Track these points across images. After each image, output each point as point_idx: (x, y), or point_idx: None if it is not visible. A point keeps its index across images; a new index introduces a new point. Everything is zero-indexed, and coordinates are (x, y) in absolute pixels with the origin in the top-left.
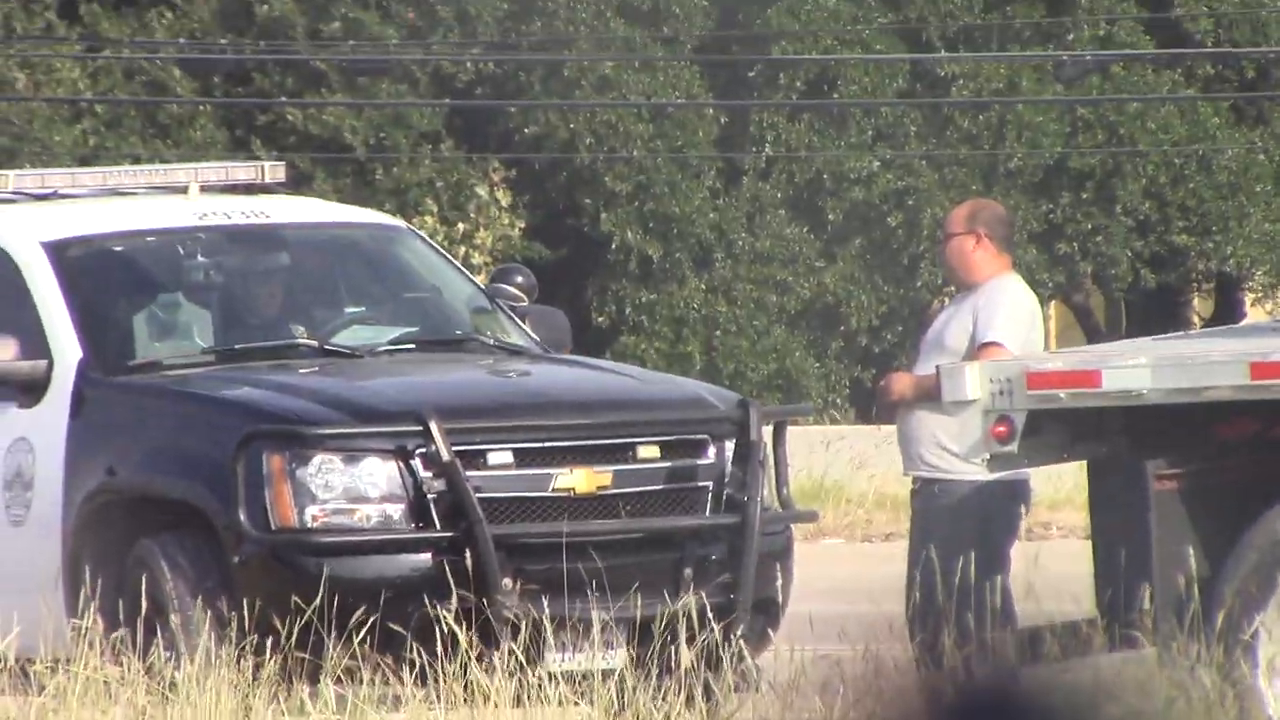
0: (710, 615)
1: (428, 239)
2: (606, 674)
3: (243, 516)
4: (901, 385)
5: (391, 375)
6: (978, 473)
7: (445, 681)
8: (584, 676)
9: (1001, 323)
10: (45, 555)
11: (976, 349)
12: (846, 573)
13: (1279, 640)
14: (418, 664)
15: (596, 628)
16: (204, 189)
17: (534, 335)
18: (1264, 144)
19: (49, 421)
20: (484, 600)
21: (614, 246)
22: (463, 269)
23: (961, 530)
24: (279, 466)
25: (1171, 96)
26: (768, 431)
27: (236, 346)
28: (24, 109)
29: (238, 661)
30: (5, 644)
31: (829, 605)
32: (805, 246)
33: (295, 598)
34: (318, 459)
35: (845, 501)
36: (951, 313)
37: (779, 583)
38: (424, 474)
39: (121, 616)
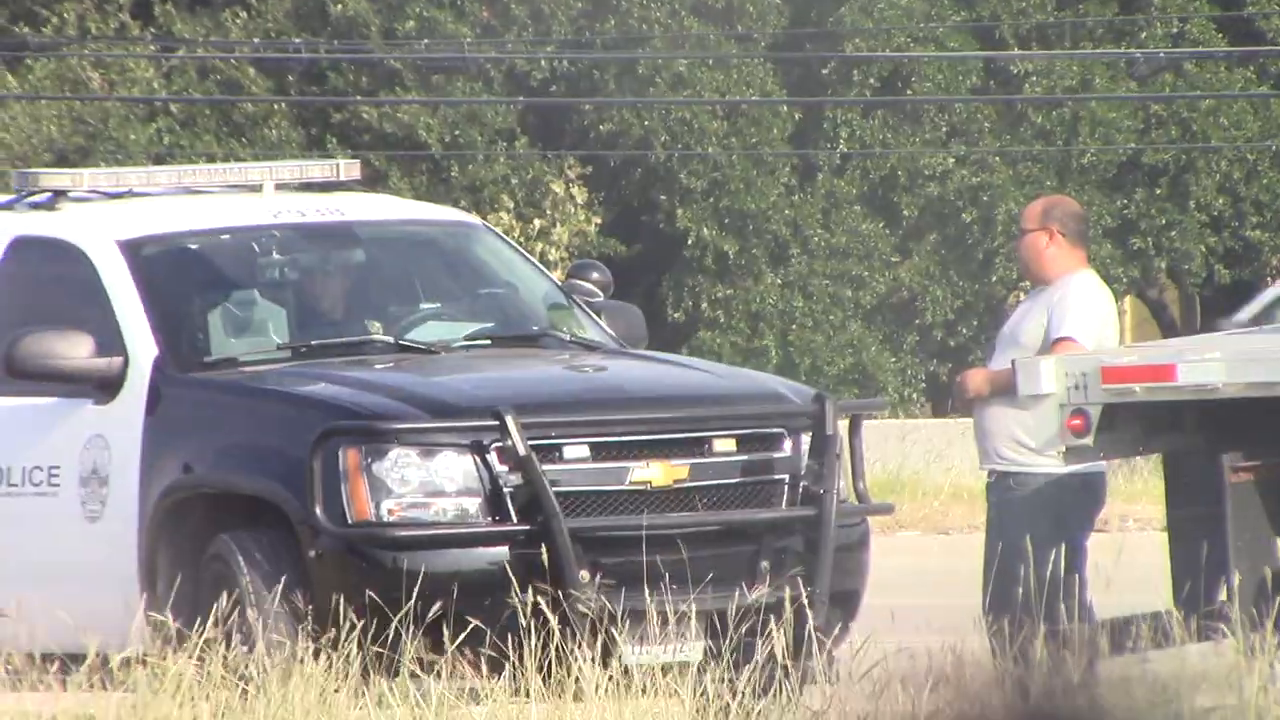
0: (788, 608)
1: (503, 235)
2: (683, 667)
3: (319, 511)
4: (977, 381)
5: (467, 371)
6: (1053, 466)
7: (525, 675)
8: (662, 669)
9: (1075, 319)
10: (121, 551)
11: (1050, 344)
12: (923, 565)
13: None
14: (497, 657)
15: (673, 620)
16: (279, 187)
17: (610, 331)
18: None
19: (125, 418)
20: (560, 594)
21: (690, 242)
22: (538, 265)
23: (1037, 523)
24: (355, 461)
25: (1244, 94)
26: (844, 425)
27: (312, 343)
28: (99, 108)
29: (315, 656)
30: (84, 640)
31: (906, 598)
32: (880, 242)
33: (371, 592)
34: (394, 454)
35: (921, 494)
36: (1027, 308)
37: (856, 575)
38: (500, 468)
39: (198, 612)
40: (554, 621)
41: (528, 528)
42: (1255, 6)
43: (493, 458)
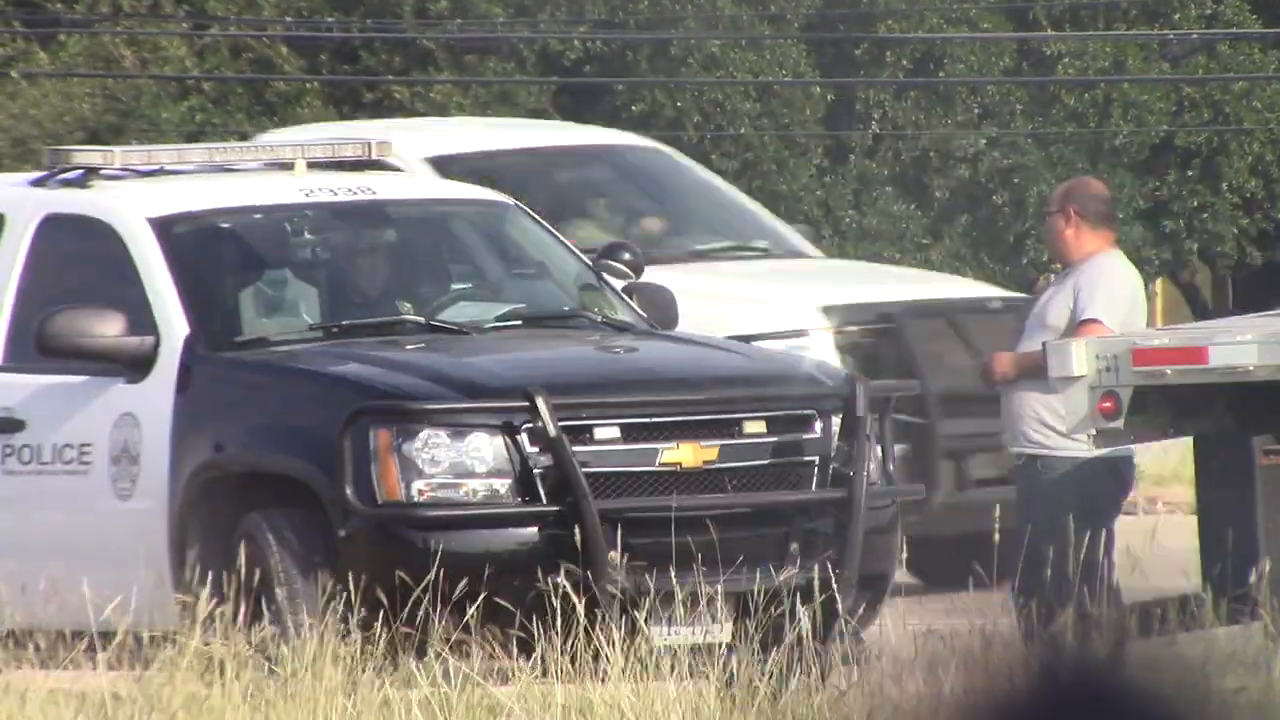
0: (817, 589)
1: (535, 215)
2: (711, 648)
3: (349, 491)
4: (1004, 364)
5: (498, 351)
6: (1080, 449)
7: (554, 655)
8: (691, 650)
9: (1101, 300)
10: (152, 529)
11: (1076, 326)
12: None
13: None
14: (526, 638)
15: (703, 602)
16: (311, 165)
17: (641, 312)
18: None
19: (156, 397)
20: (590, 574)
21: None
22: (570, 245)
23: (1065, 506)
24: (386, 441)
25: (1278, 75)
26: (874, 407)
27: (343, 323)
28: (131, 86)
29: (344, 635)
30: (114, 617)
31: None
32: (912, 224)
33: (401, 572)
34: (424, 434)
35: None
36: (1054, 290)
37: (885, 557)
38: (530, 449)
39: (228, 591)
40: (582, 603)
41: (557, 508)
42: None
43: (523, 438)
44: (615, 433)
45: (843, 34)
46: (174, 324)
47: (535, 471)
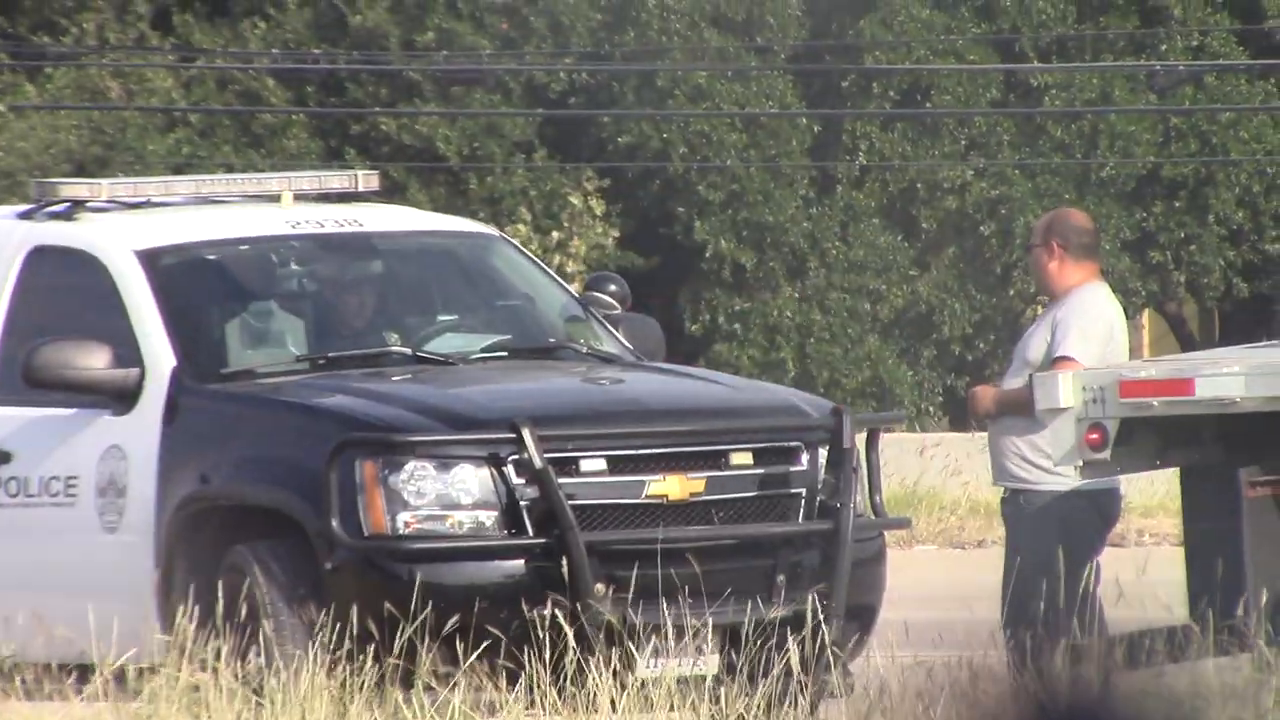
0: (804, 621)
1: (521, 247)
2: (699, 680)
3: (335, 523)
4: (986, 401)
5: (484, 383)
6: (1063, 483)
7: (541, 687)
8: (678, 682)
9: (1075, 337)
10: (138, 562)
11: (1050, 364)
12: (940, 579)
13: None
14: (512, 670)
15: (689, 634)
16: (297, 198)
17: (627, 343)
18: None
19: (142, 429)
20: (577, 606)
21: (708, 255)
22: (556, 277)
23: (1049, 539)
24: (372, 473)
25: (1265, 107)
26: (861, 439)
27: (329, 354)
28: (118, 118)
29: (331, 668)
30: (99, 650)
31: (923, 612)
32: (899, 255)
33: (388, 604)
34: (410, 466)
35: (938, 509)
36: (1037, 324)
37: (872, 589)
38: (517, 481)
39: (215, 623)
40: (570, 635)
41: (544, 540)
42: (1275, 19)
43: (509, 470)
44: (601, 465)
45: (829, 65)
46: (160, 356)
47: (521, 503)
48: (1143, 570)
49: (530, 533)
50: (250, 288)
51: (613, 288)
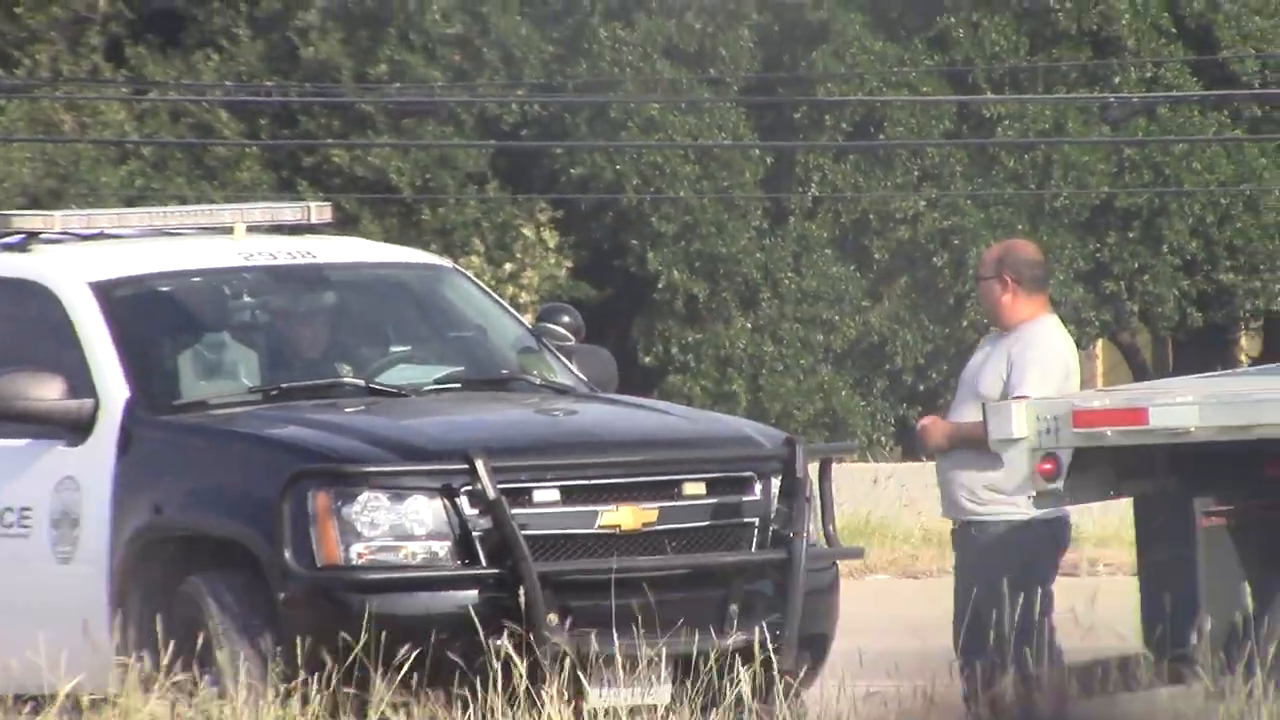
0: (756, 651)
1: (474, 279)
2: (651, 709)
3: (288, 554)
4: (937, 435)
5: (437, 414)
6: (1015, 512)
7: (495, 717)
8: (630, 712)
9: (1034, 376)
10: (92, 592)
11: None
12: (893, 609)
13: None
14: (466, 700)
15: (642, 664)
16: (250, 229)
17: (580, 374)
18: None
19: (96, 460)
20: (530, 637)
21: (660, 286)
22: (509, 308)
23: (1002, 570)
24: (325, 504)
25: (1218, 138)
26: (814, 469)
27: (282, 385)
28: (71, 150)
29: (285, 698)
30: (54, 680)
31: (876, 641)
32: (851, 286)
33: (341, 634)
34: (363, 497)
35: (891, 538)
36: (987, 354)
37: (825, 619)
38: (470, 512)
39: (168, 654)
40: (522, 665)
41: (497, 571)
42: (1229, 50)
43: (463, 501)
44: (555, 495)
45: (782, 97)
46: (114, 387)
47: (475, 534)
48: (1096, 600)
49: (484, 563)
50: (203, 319)
51: (566, 319)
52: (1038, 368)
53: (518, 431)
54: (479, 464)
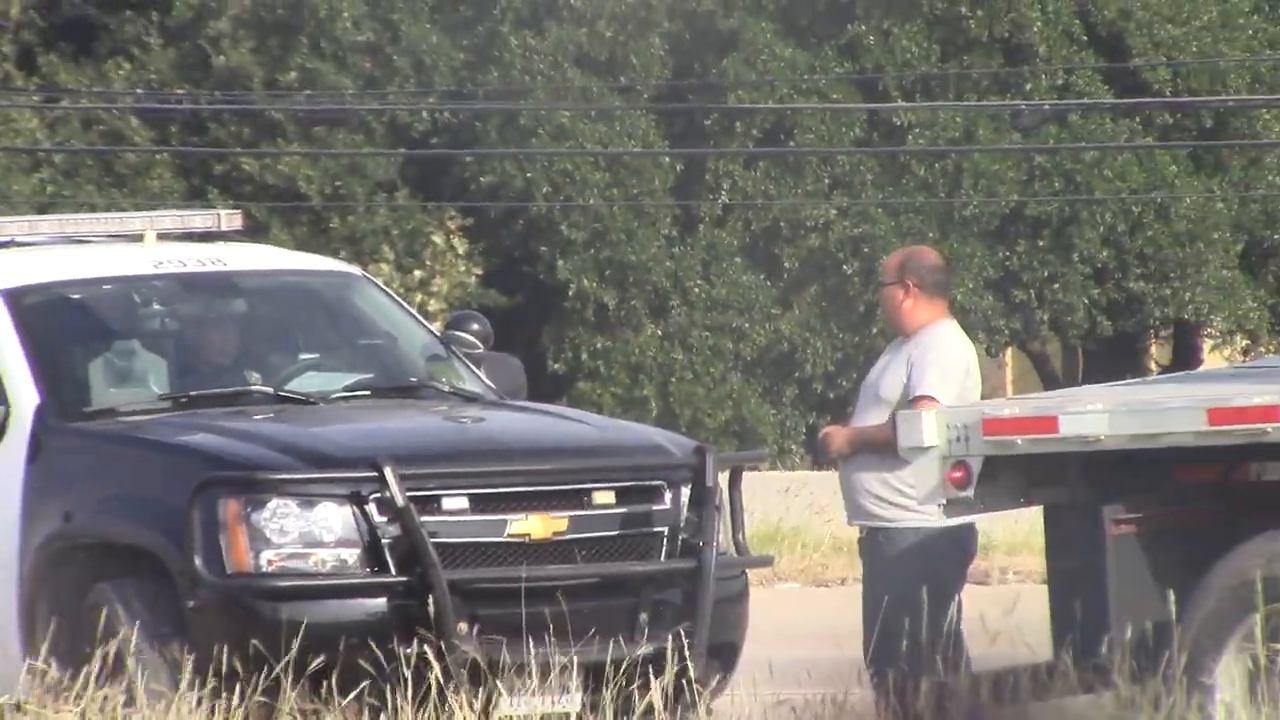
0: (666, 659)
1: (383, 286)
2: (562, 718)
3: (198, 561)
4: (839, 441)
5: (346, 421)
6: (921, 520)
7: None
8: None
9: (934, 375)
10: (2, 599)
11: (910, 402)
12: (803, 617)
13: (1238, 683)
14: (377, 708)
15: (553, 672)
16: (160, 237)
17: (489, 382)
18: (1221, 192)
19: (6, 467)
20: (440, 644)
21: (570, 294)
22: (418, 316)
23: (909, 577)
24: (234, 512)
25: (1129, 145)
26: (724, 477)
27: (192, 393)
28: None
29: (195, 706)
30: None
31: (786, 650)
32: (761, 294)
33: (251, 641)
34: (272, 504)
35: (801, 547)
36: (887, 361)
37: (735, 627)
38: (379, 519)
39: (79, 661)
40: (434, 672)
41: (406, 579)
42: (1140, 58)
43: (372, 509)
44: (464, 503)
45: (693, 104)
46: (24, 394)
47: (384, 542)
48: (1008, 609)
49: (393, 571)
50: (114, 327)
51: (475, 326)
52: (937, 368)
53: (426, 439)
54: (387, 471)
